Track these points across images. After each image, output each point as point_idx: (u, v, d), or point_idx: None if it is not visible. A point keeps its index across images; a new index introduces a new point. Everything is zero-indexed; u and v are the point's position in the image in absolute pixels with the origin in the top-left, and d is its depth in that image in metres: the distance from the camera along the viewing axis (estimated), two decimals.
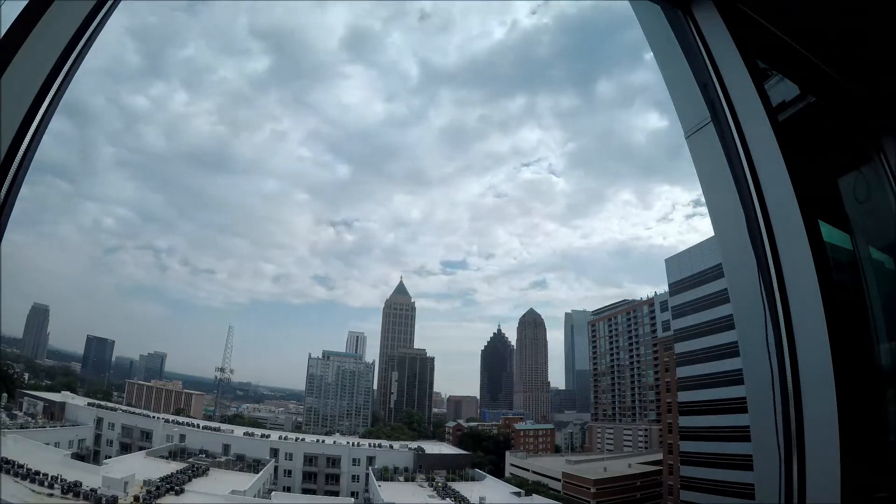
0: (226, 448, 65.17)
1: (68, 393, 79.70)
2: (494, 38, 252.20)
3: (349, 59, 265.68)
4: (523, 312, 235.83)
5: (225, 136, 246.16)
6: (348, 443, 76.04)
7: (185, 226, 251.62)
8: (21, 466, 39.26)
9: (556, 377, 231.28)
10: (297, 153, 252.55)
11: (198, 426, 73.01)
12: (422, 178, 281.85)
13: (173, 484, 43.64)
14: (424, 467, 67.32)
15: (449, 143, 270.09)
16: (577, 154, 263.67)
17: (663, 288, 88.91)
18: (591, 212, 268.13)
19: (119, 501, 38.00)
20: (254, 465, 59.86)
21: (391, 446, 75.70)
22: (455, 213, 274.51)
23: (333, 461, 68.34)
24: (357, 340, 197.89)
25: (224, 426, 78.26)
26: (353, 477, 67.96)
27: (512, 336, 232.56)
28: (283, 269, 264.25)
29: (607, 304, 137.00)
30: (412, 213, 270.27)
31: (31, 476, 38.15)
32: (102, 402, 78.02)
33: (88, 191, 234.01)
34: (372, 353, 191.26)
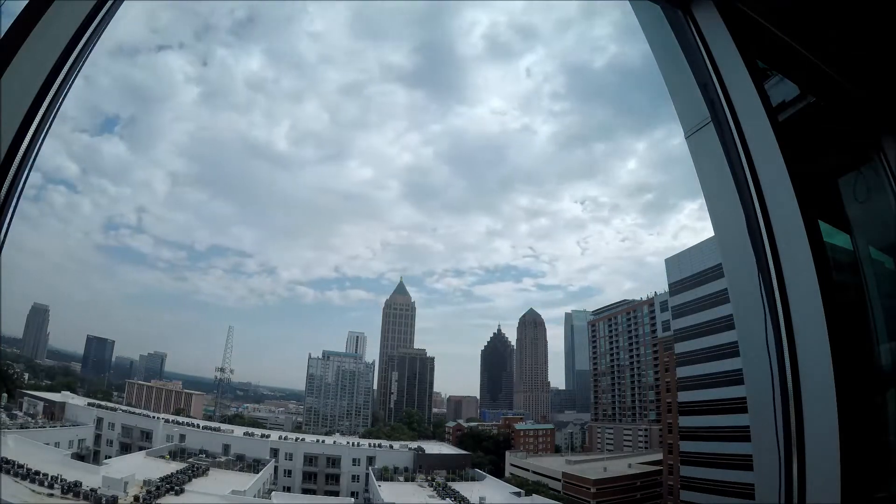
0: (226, 448, 65.14)
1: (68, 393, 79.62)
2: (624, 50, 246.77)
3: (484, 62, 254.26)
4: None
5: (326, 132, 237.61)
6: (348, 443, 76.03)
7: (247, 229, 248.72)
8: (21, 466, 39.21)
9: (557, 377, 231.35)
10: (396, 153, 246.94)
11: (198, 426, 72.99)
12: (516, 185, 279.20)
13: (173, 484, 43.62)
14: (424, 467, 67.29)
15: (556, 150, 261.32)
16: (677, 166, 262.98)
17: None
18: (663, 220, 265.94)
19: (119, 501, 38.00)
20: (254, 465, 59.83)
21: (391, 446, 75.65)
22: (536, 221, 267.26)
23: (333, 461, 68.29)
24: (357, 340, 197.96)
25: (224, 426, 78.16)
26: (353, 477, 67.92)
27: (512, 336, 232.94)
28: (334, 272, 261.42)
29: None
30: (501, 219, 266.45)
31: (31, 476, 38.11)
32: (102, 402, 78.00)
33: (133, 187, 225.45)
34: (372, 352, 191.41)
